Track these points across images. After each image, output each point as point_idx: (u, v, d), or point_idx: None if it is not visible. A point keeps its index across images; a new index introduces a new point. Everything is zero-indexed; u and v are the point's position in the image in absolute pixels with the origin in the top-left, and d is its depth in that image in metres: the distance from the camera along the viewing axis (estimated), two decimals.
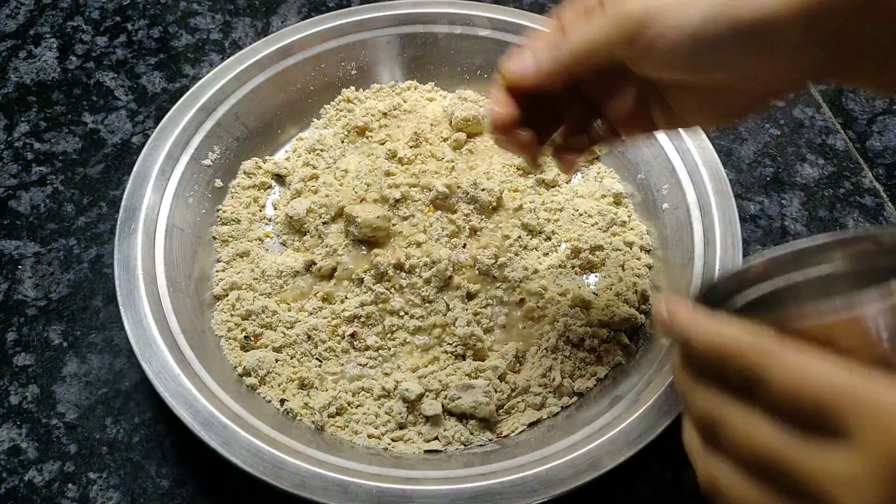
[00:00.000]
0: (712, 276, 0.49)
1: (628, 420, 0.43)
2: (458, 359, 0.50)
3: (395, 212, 0.53)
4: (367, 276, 0.51)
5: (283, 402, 0.47)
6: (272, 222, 0.57)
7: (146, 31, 0.70)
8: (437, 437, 0.47)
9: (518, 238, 0.54)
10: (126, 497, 0.46)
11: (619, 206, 0.57)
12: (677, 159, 0.55)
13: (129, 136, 0.63)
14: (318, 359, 0.50)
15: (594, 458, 0.42)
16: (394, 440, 0.47)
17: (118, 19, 0.71)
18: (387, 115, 0.60)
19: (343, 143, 0.60)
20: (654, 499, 0.46)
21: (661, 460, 0.47)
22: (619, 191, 0.57)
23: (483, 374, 0.48)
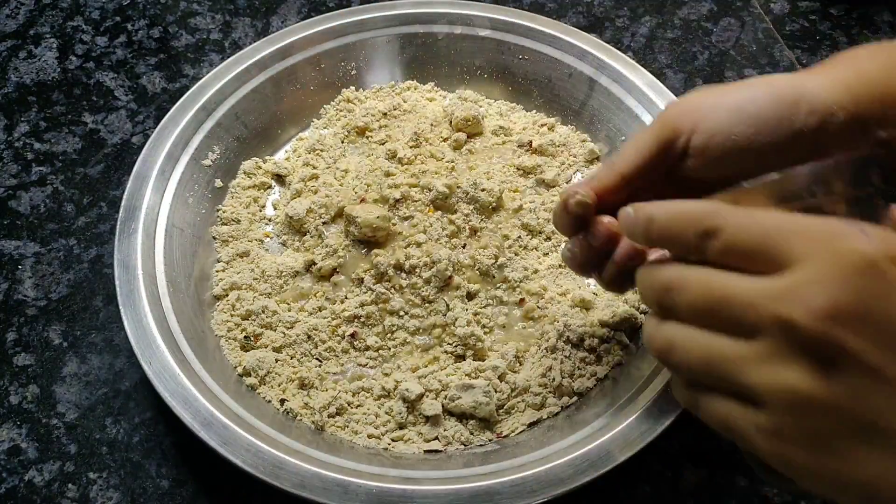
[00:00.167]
0: None
1: (628, 420, 0.43)
2: (458, 359, 0.50)
3: (395, 212, 0.53)
4: (367, 277, 0.51)
5: (283, 402, 0.47)
6: (272, 222, 0.57)
7: (146, 31, 0.70)
8: (437, 437, 0.47)
9: (518, 238, 0.54)
10: (126, 497, 0.46)
11: None
12: None
13: (129, 136, 0.63)
14: (318, 359, 0.50)
15: (594, 458, 0.42)
16: (394, 440, 0.47)
17: (118, 19, 0.71)
18: (387, 115, 0.60)
19: (343, 143, 0.60)
20: (654, 499, 0.46)
21: (661, 460, 0.47)
22: None
23: (483, 374, 0.48)
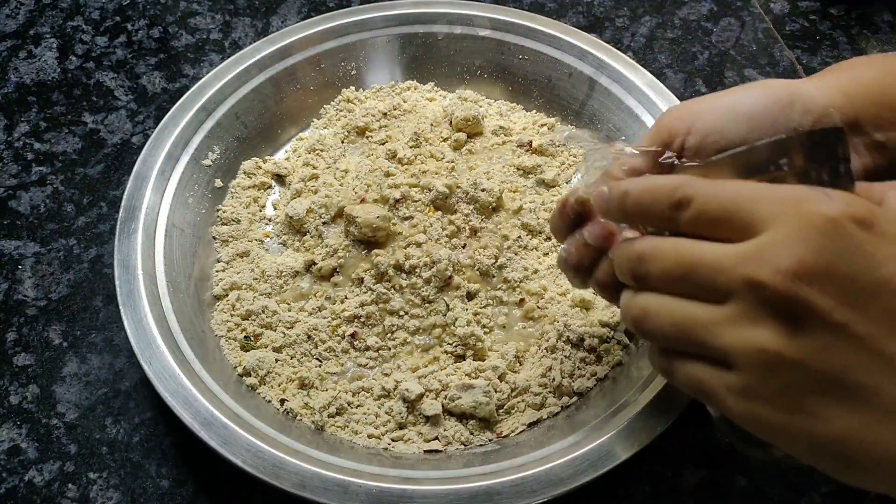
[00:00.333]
0: None
1: (628, 420, 0.43)
2: (458, 359, 0.50)
3: (395, 212, 0.53)
4: (367, 277, 0.51)
5: (283, 402, 0.47)
6: (272, 222, 0.57)
7: (146, 31, 0.70)
8: (437, 437, 0.47)
9: (518, 238, 0.54)
10: (126, 497, 0.46)
11: None
12: None
13: (129, 136, 0.63)
14: (318, 359, 0.50)
15: (594, 458, 0.42)
16: (394, 440, 0.47)
17: (118, 19, 0.71)
18: (387, 115, 0.60)
19: (343, 143, 0.60)
20: (654, 499, 0.46)
21: (661, 460, 0.47)
22: None
23: (483, 374, 0.48)
